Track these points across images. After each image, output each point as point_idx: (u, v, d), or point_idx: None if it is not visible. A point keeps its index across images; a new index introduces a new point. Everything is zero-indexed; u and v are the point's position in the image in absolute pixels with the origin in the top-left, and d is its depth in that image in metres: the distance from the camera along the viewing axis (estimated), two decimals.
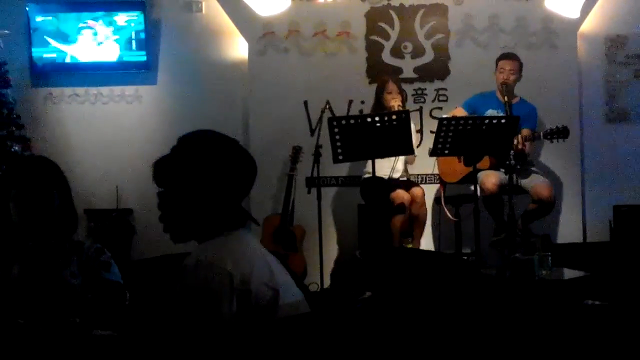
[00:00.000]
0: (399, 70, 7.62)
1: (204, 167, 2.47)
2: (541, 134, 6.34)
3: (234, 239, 2.48)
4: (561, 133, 6.20)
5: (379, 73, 7.43)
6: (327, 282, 6.85)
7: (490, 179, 6.47)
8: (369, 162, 6.73)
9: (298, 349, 2.36)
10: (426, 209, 6.91)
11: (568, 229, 7.51)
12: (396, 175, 6.85)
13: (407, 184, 6.89)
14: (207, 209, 2.47)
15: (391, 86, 6.82)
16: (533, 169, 6.79)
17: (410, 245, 6.95)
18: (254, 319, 2.29)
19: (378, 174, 6.25)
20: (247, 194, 2.60)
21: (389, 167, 6.73)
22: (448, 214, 6.84)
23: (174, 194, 2.50)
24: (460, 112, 6.81)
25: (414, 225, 6.83)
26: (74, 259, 3.22)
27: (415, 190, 6.77)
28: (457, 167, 6.72)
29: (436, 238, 7.36)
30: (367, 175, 6.82)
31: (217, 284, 2.30)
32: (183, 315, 2.32)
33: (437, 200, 7.25)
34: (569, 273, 5.37)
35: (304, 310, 2.46)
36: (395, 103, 6.70)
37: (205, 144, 2.54)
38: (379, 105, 6.82)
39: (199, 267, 2.35)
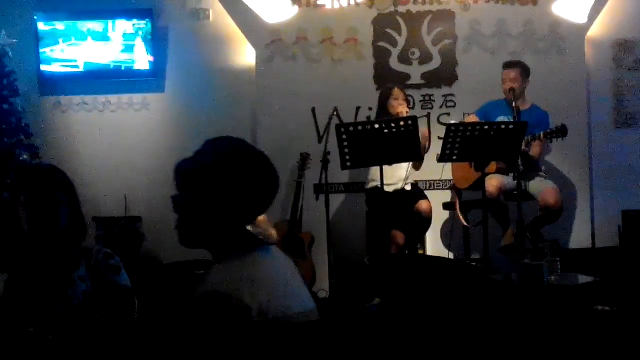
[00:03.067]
0: (406, 77, 7.62)
1: (227, 175, 2.37)
2: (542, 134, 6.33)
3: (251, 262, 2.37)
4: (560, 132, 6.19)
5: (387, 79, 7.43)
6: (335, 289, 6.84)
7: (492, 182, 6.46)
8: (373, 171, 6.74)
9: (307, 357, 2.35)
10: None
11: (577, 234, 7.50)
12: (401, 184, 6.83)
13: (416, 194, 6.88)
14: (223, 219, 2.39)
15: (398, 93, 6.81)
16: (541, 173, 6.77)
17: (421, 252, 6.96)
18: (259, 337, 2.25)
19: (385, 182, 6.24)
20: (266, 209, 2.49)
21: (393, 176, 6.71)
22: (463, 221, 6.83)
23: (192, 199, 2.41)
24: (473, 119, 6.81)
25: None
26: (83, 263, 3.22)
27: (424, 203, 6.79)
28: (469, 173, 6.71)
29: (446, 244, 7.34)
30: (372, 185, 6.81)
31: (234, 317, 2.22)
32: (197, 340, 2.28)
33: (445, 206, 7.24)
34: (578, 278, 5.35)
35: (309, 319, 2.43)
36: (402, 109, 6.70)
37: (232, 150, 2.44)
38: (384, 111, 6.81)
39: (215, 298, 2.25)
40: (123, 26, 7.81)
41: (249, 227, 2.45)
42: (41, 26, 7.78)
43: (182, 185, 2.44)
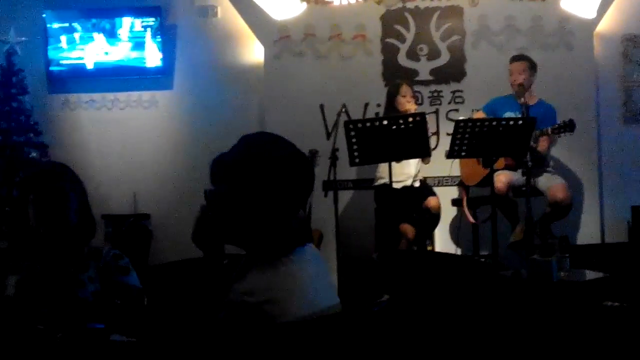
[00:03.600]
0: (415, 73, 7.62)
1: (267, 168, 2.30)
2: (549, 129, 6.31)
3: (285, 272, 2.30)
4: (567, 127, 6.16)
5: (395, 76, 7.42)
6: (344, 285, 6.84)
7: (501, 178, 6.46)
8: (381, 168, 6.73)
9: (316, 353, 2.35)
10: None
11: (586, 230, 7.49)
12: (410, 181, 6.83)
13: (425, 191, 6.88)
14: (266, 214, 2.31)
15: (405, 89, 6.80)
16: (549, 169, 6.76)
17: (430, 248, 6.96)
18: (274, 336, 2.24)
19: (393, 179, 6.23)
20: (298, 210, 2.41)
21: (401, 173, 6.71)
22: (470, 217, 6.83)
23: (234, 192, 2.31)
24: (481, 115, 6.80)
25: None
26: (92, 264, 3.22)
27: (433, 200, 6.79)
28: (477, 170, 6.70)
29: (455, 240, 7.34)
30: (380, 181, 6.81)
31: (259, 324, 2.19)
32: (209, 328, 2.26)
33: (453, 202, 7.23)
34: (587, 274, 5.34)
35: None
36: (411, 107, 6.70)
37: (270, 144, 2.39)
38: (392, 108, 6.80)
39: (243, 309, 2.22)
40: (131, 24, 7.82)
41: None
42: (50, 24, 7.80)
43: (219, 178, 2.36)
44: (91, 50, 7.84)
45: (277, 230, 2.33)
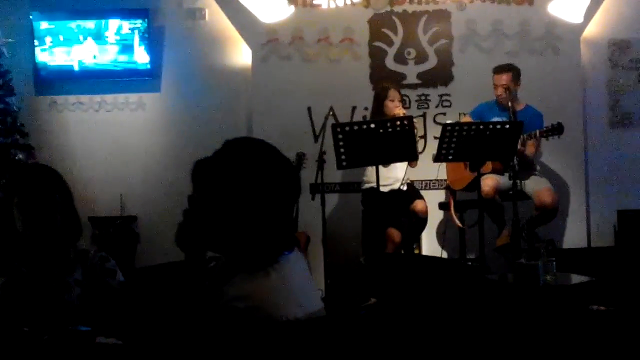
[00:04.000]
0: (402, 76, 7.63)
1: (251, 174, 2.27)
2: (537, 132, 6.32)
3: (275, 278, 2.27)
4: (556, 130, 6.18)
5: (383, 79, 7.41)
6: (331, 288, 6.84)
7: (488, 182, 6.47)
8: (369, 171, 6.74)
9: (302, 356, 2.35)
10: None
11: (572, 234, 7.51)
12: (397, 185, 6.83)
13: (412, 194, 6.88)
14: (249, 221, 2.27)
15: (393, 93, 6.81)
16: (536, 173, 6.78)
17: (417, 251, 6.96)
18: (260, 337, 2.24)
19: (380, 183, 6.23)
20: (286, 216, 2.37)
21: (389, 176, 6.71)
22: (457, 221, 6.85)
23: (210, 201, 2.30)
24: (468, 120, 6.81)
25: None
26: (78, 267, 3.22)
27: (420, 203, 6.79)
28: (464, 174, 6.72)
29: (442, 244, 7.36)
30: (367, 185, 6.82)
31: (250, 328, 2.18)
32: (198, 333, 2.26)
33: (440, 205, 7.25)
34: (573, 278, 5.35)
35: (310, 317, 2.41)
36: (399, 111, 6.70)
37: (255, 150, 2.34)
38: (379, 112, 6.81)
39: (235, 313, 2.19)
40: (119, 26, 7.80)
41: None
42: (37, 25, 7.76)
43: (201, 183, 2.33)
44: (78, 52, 7.81)
45: (261, 236, 2.30)
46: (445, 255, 7.27)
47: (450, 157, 5.98)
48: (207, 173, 2.31)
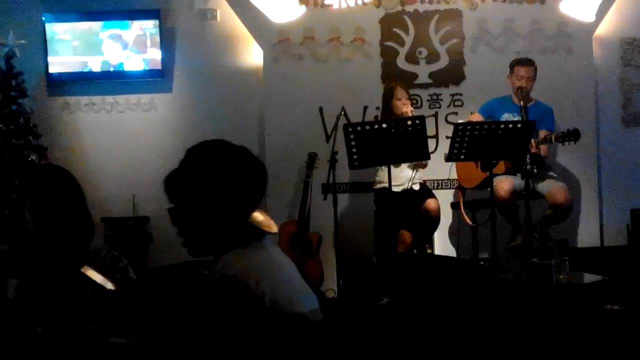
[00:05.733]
0: (414, 76, 7.62)
1: (213, 179, 2.43)
2: (553, 137, 6.30)
3: (253, 252, 2.44)
4: (572, 135, 6.15)
5: (394, 79, 7.40)
6: (343, 288, 6.84)
7: (503, 185, 6.45)
8: (380, 171, 6.73)
9: (317, 355, 2.35)
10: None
11: (585, 233, 7.49)
12: (409, 184, 6.81)
13: (424, 193, 6.87)
14: (220, 222, 2.44)
15: (400, 92, 6.81)
16: (550, 173, 6.76)
17: (429, 251, 6.95)
18: (270, 328, 2.27)
19: (393, 183, 6.23)
20: (259, 202, 2.54)
21: (401, 176, 6.71)
22: (467, 219, 6.84)
23: (186, 209, 2.47)
24: (477, 117, 6.80)
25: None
26: (91, 267, 3.22)
27: (432, 202, 6.78)
28: (474, 173, 6.71)
29: (454, 243, 7.34)
30: (379, 186, 6.81)
31: (243, 303, 2.26)
32: (203, 327, 2.30)
33: (452, 205, 7.24)
34: (587, 277, 5.34)
35: (317, 319, 2.44)
36: (407, 109, 6.70)
37: (213, 154, 2.50)
38: (388, 111, 6.81)
39: (223, 282, 2.32)
40: (130, 27, 7.82)
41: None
42: (49, 27, 7.78)
43: (173, 196, 2.50)
44: (90, 53, 7.83)
45: (237, 228, 2.45)
46: (457, 255, 7.25)
47: (462, 157, 5.97)
48: (176, 184, 2.49)
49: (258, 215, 2.52)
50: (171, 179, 2.51)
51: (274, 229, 2.56)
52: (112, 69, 7.86)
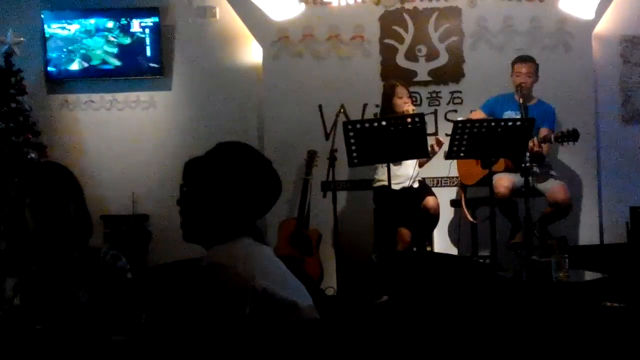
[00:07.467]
0: (413, 74, 7.62)
1: (231, 177, 2.50)
2: (552, 137, 6.31)
3: (244, 244, 2.48)
4: (571, 136, 6.15)
5: (394, 76, 7.39)
6: (343, 286, 6.84)
7: (503, 182, 6.45)
8: (380, 169, 6.73)
9: (312, 355, 2.35)
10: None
11: (585, 230, 7.49)
12: (408, 182, 6.81)
13: (423, 191, 6.87)
14: (222, 218, 2.49)
15: (401, 91, 6.80)
16: (551, 172, 6.76)
17: (429, 248, 6.95)
18: (265, 323, 2.28)
19: (392, 181, 6.22)
20: (266, 213, 2.62)
21: (400, 174, 6.70)
22: (469, 216, 6.83)
23: (196, 194, 2.54)
24: (479, 114, 6.80)
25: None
26: (90, 266, 3.21)
27: (431, 199, 6.77)
28: (475, 170, 6.71)
29: (454, 241, 7.35)
30: (379, 183, 6.80)
31: (230, 285, 2.30)
32: (196, 319, 2.32)
33: (452, 202, 7.24)
34: (586, 275, 5.34)
35: (313, 316, 2.45)
36: (408, 107, 6.70)
37: (239, 155, 2.57)
38: (388, 109, 6.80)
39: (211, 269, 2.37)
40: (130, 24, 7.81)
41: None
42: (48, 25, 7.79)
43: (188, 179, 2.58)
44: (89, 50, 7.83)
45: (235, 228, 2.51)
46: (457, 252, 7.26)
47: (462, 154, 5.97)
48: (195, 170, 2.58)
49: None
50: (193, 164, 2.60)
51: None
52: (111, 67, 7.86)
